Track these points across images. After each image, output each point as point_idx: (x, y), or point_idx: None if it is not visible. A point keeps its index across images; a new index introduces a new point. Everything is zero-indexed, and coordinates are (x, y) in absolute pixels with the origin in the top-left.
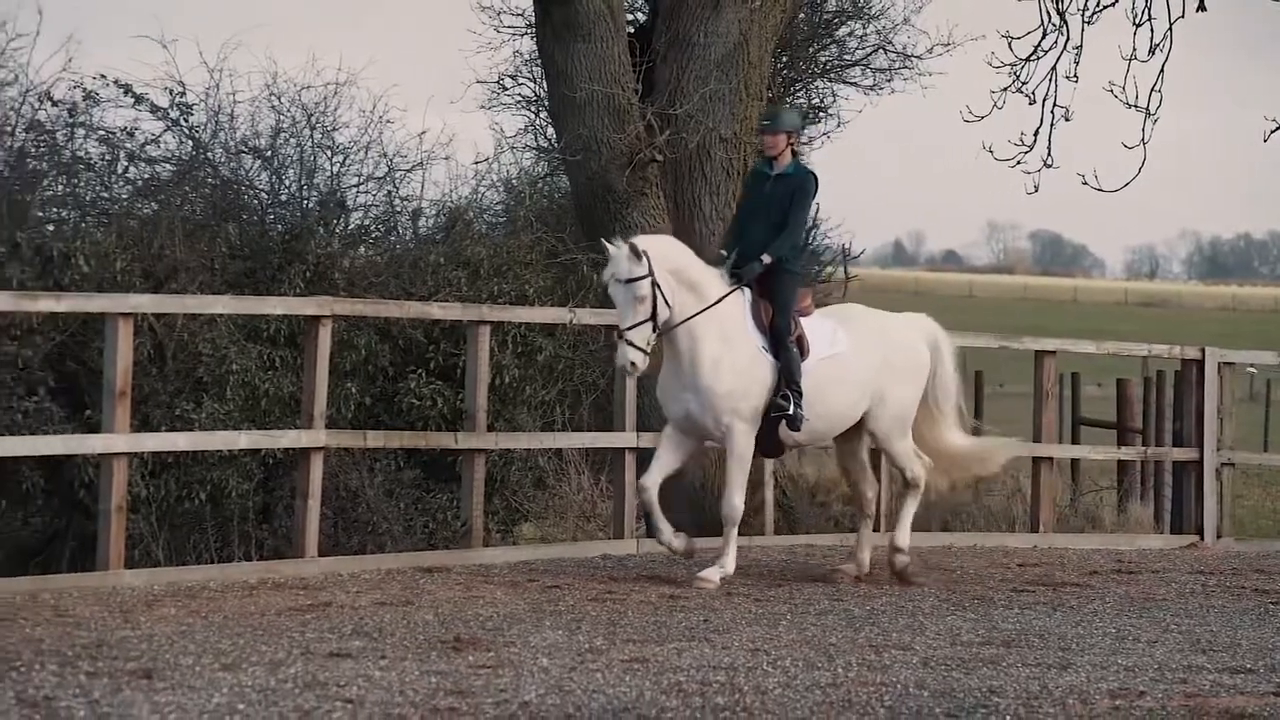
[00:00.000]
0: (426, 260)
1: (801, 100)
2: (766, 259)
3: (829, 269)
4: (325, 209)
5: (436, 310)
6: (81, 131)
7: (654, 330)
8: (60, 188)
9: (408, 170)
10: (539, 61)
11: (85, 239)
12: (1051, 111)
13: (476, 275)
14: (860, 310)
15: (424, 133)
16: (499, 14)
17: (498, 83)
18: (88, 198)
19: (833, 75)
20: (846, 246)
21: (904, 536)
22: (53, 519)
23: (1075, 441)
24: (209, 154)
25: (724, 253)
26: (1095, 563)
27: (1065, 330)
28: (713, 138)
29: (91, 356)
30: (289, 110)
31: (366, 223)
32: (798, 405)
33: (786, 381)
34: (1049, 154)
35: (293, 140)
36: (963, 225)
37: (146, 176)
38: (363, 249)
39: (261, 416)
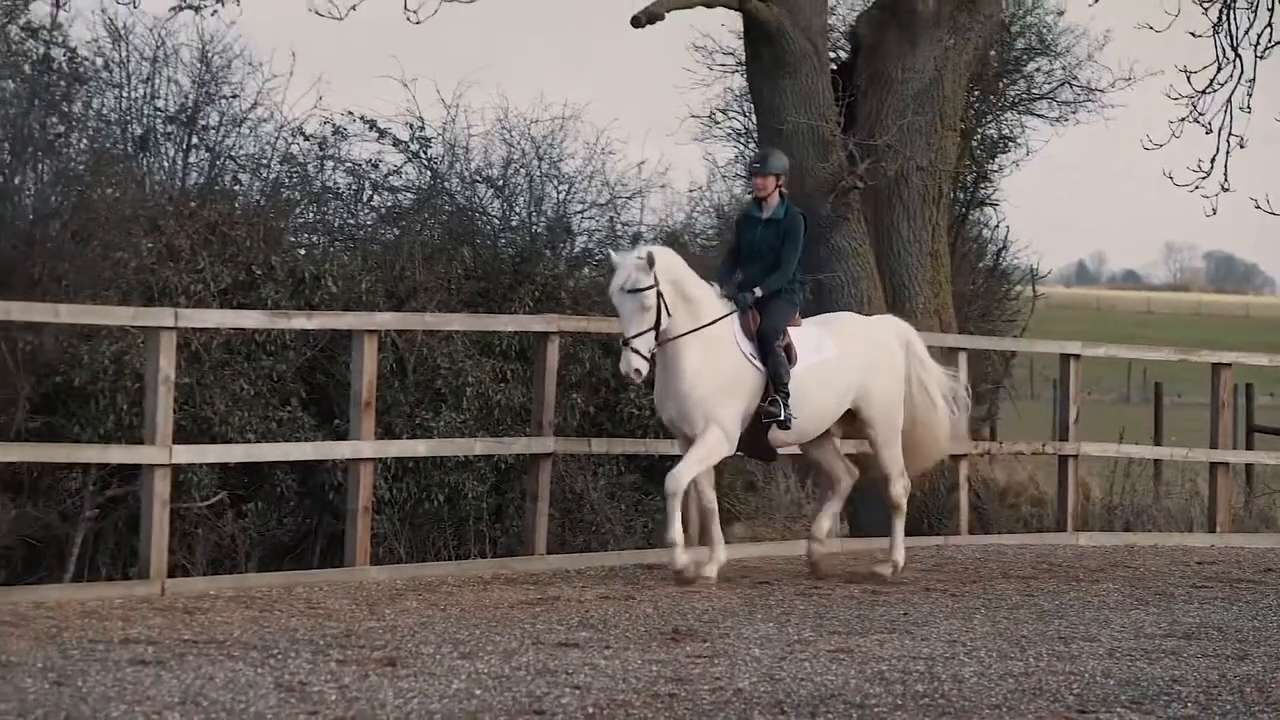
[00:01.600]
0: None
1: (992, 131)
2: (759, 292)
3: (1017, 288)
4: (552, 234)
5: None
6: (330, 164)
7: (655, 339)
8: (311, 215)
9: (628, 197)
10: (749, 96)
11: (334, 262)
12: (1226, 140)
13: None
14: (841, 316)
15: (643, 163)
16: (711, 53)
17: (710, 116)
18: (336, 224)
19: (1021, 108)
20: (1034, 266)
21: (899, 551)
22: (305, 519)
23: (1249, 448)
24: (446, 184)
25: (718, 286)
26: (1270, 560)
27: (1238, 344)
28: (910, 166)
29: (339, 370)
30: (519, 143)
31: (590, 246)
32: (785, 408)
33: (775, 386)
34: (1225, 179)
35: (522, 170)
36: (1142, 246)
37: (389, 204)
38: (587, 270)
39: (494, 425)
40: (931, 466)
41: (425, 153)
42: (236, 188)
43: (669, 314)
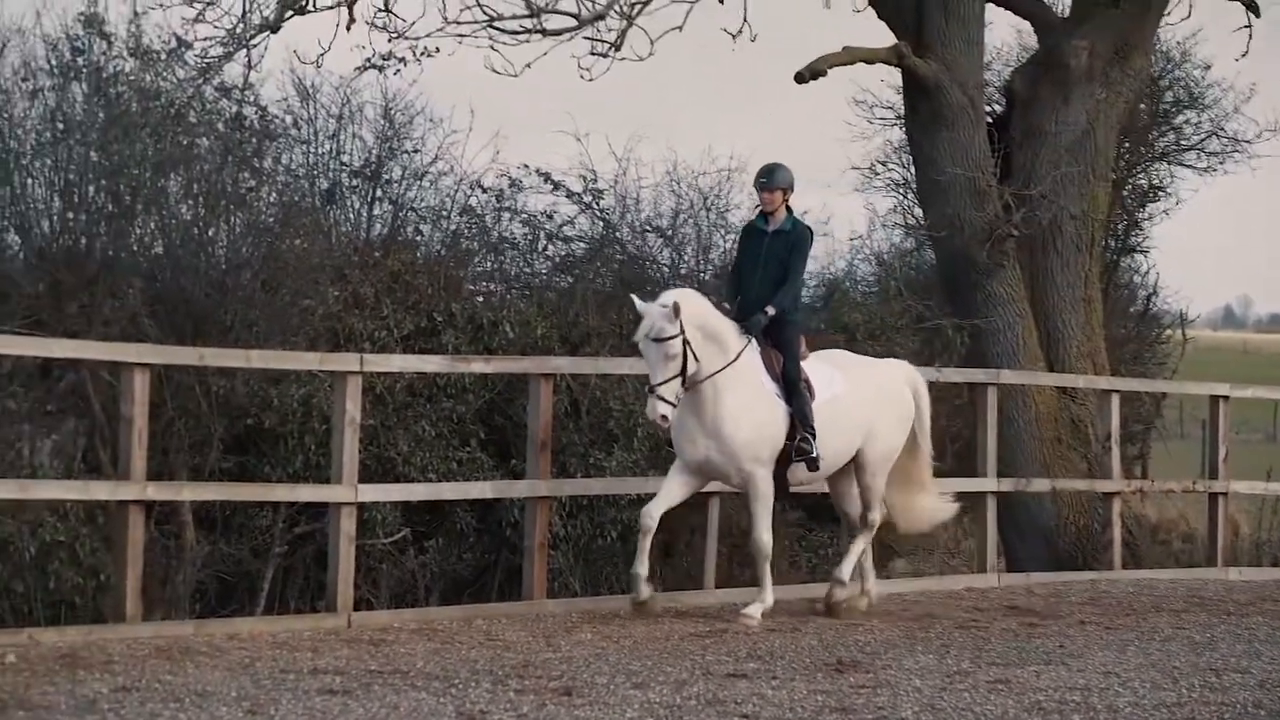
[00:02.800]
0: (809, 325)
1: (1142, 180)
2: (771, 311)
3: (1167, 331)
4: (719, 281)
5: None
6: (507, 215)
7: (683, 384)
8: (489, 264)
9: None
10: (908, 149)
11: (511, 309)
12: None
13: (853, 338)
14: (846, 355)
15: (805, 213)
16: (872, 107)
17: (870, 168)
18: (513, 273)
19: (1170, 159)
20: (1183, 311)
21: (847, 569)
22: (483, 554)
23: None
24: (617, 233)
25: (726, 305)
26: None
27: None
28: (1063, 215)
29: (516, 412)
30: (687, 194)
31: None
32: (815, 446)
33: (802, 424)
34: None
35: (690, 220)
36: None
37: (563, 254)
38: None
39: (664, 464)
40: (922, 528)
41: (598, 204)
42: (418, 238)
43: (696, 359)
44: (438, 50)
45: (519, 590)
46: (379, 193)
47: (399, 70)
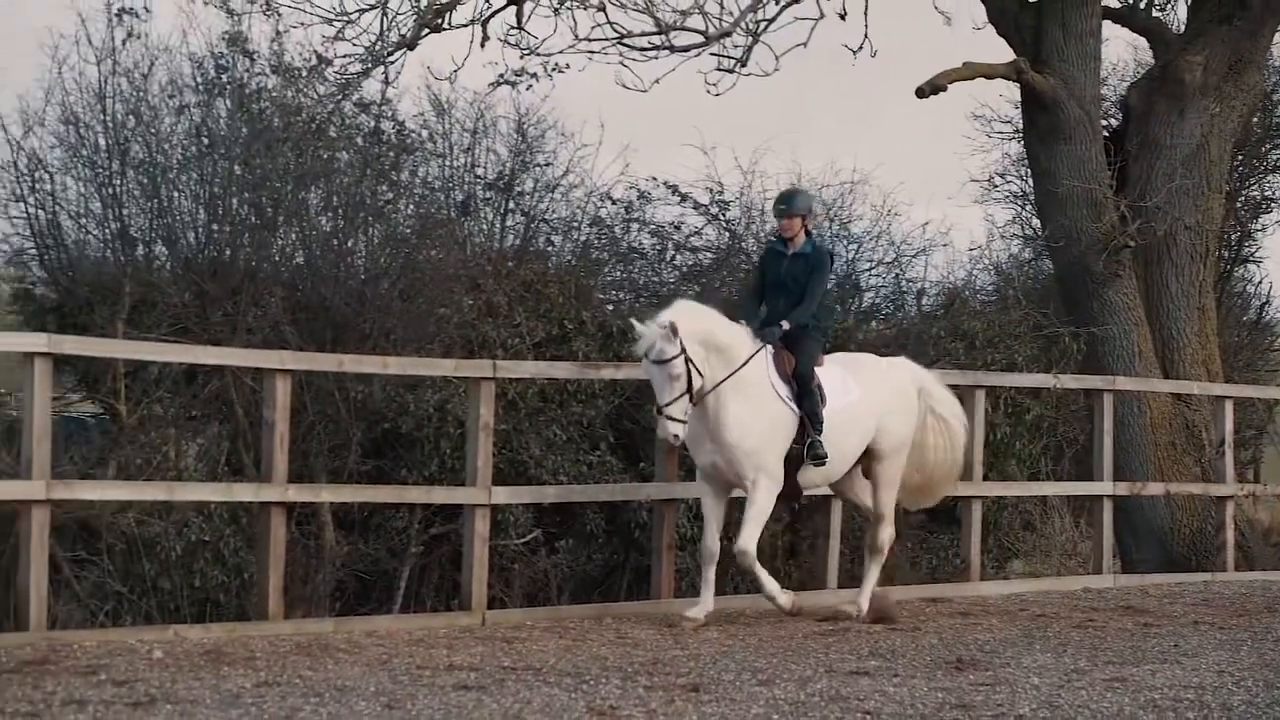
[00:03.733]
0: (929, 333)
1: (1255, 192)
2: (786, 325)
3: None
4: (843, 289)
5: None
6: (636, 226)
7: (690, 401)
8: (618, 273)
9: (912, 256)
10: (1026, 161)
11: (640, 317)
12: None
13: (972, 346)
14: (858, 357)
15: (926, 223)
16: (990, 121)
17: (989, 180)
18: (641, 282)
19: None
20: None
21: (866, 599)
22: (613, 555)
23: None
24: (743, 243)
25: (744, 324)
26: None
27: None
28: (1178, 226)
29: (645, 416)
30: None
31: (877, 301)
32: (823, 447)
33: (812, 425)
34: None
35: (814, 231)
36: None
37: (690, 263)
38: (874, 323)
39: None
40: (938, 501)
41: (724, 215)
42: (549, 249)
43: (700, 374)
44: (569, 67)
45: (647, 590)
46: (512, 204)
47: (531, 86)
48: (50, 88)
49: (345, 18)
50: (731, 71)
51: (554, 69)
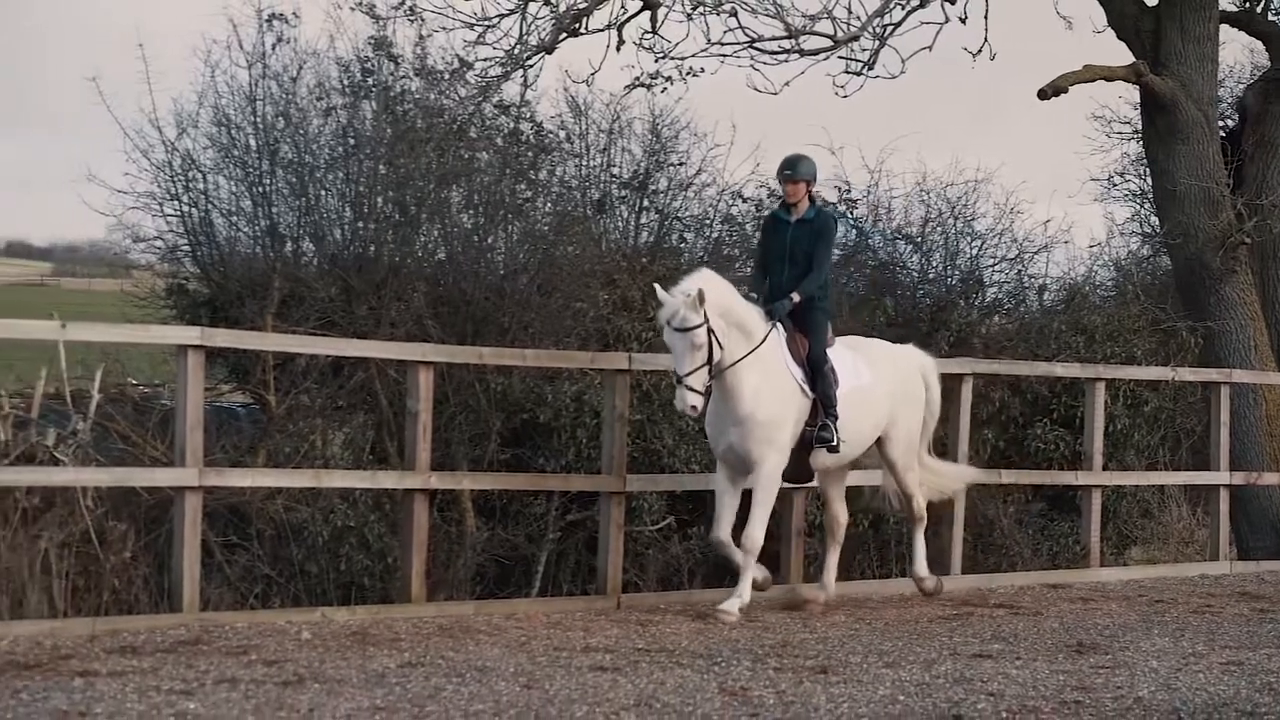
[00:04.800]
0: (1050, 327)
1: None
2: (796, 297)
3: None
4: (966, 285)
5: (1059, 369)
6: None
7: (709, 373)
8: (749, 269)
9: (1034, 252)
10: (1144, 161)
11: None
12: None
13: (1092, 340)
14: (868, 341)
15: (1048, 221)
16: (1109, 122)
17: (1108, 179)
18: None
19: None
20: None
21: (922, 566)
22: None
23: None
24: (870, 240)
25: (753, 295)
26: None
27: None
28: None
29: None
30: (936, 203)
31: (1000, 296)
32: (836, 432)
33: (825, 409)
34: None
35: (939, 228)
36: None
37: None
38: (997, 318)
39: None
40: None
41: (851, 213)
42: (682, 245)
43: (721, 346)
44: (702, 70)
45: (777, 574)
46: (646, 202)
47: (665, 88)
48: (203, 91)
49: (486, 22)
50: (859, 74)
51: (687, 72)
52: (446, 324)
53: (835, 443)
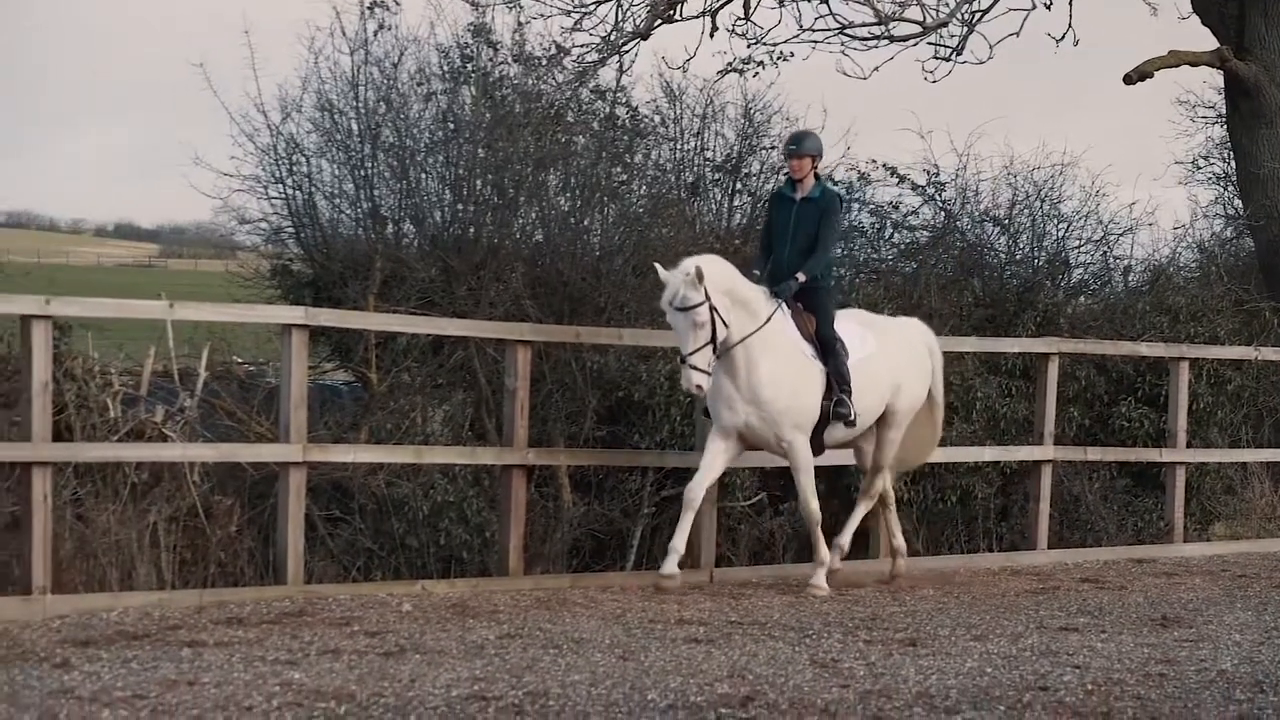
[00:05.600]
0: (1134, 308)
1: None
2: (801, 277)
3: None
4: (1052, 267)
5: (1144, 349)
6: (856, 205)
7: (714, 352)
8: (839, 250)
9: (1119, 234)
10: (1228, 144)
11: (859, 291)
12: None
13: (1176, 320)
14: (871, 316)
15: (1133, 203)
16: (1194, 106)
17: (1193, 163)
18: (861, 258)
19: None
20: None
21: (847, 538)
22: (832, 516)
23: None
24: (958, 223)
25: (756, 273)
26: None
27: None
28: None
29: None
30: (1023, 186)
31: (1085, 278)
32: (852, 405)
33: (839, 384)
34: None
35: (1025, 211)
36: None
37: (908, 241)
38: (1082, 299)
39: (1000, 434)
40: (914, 466)
41: (940, 196)
42: None
43: (725, 324)
44: (793, 55)
45: (866, 549)
46: (739, 185)
47: (758, 73)
48: (307, 77)
49: (583, 9)
50: (947, 60)
51: (779, 57)
52: (544, 304)
53: (852, 416)
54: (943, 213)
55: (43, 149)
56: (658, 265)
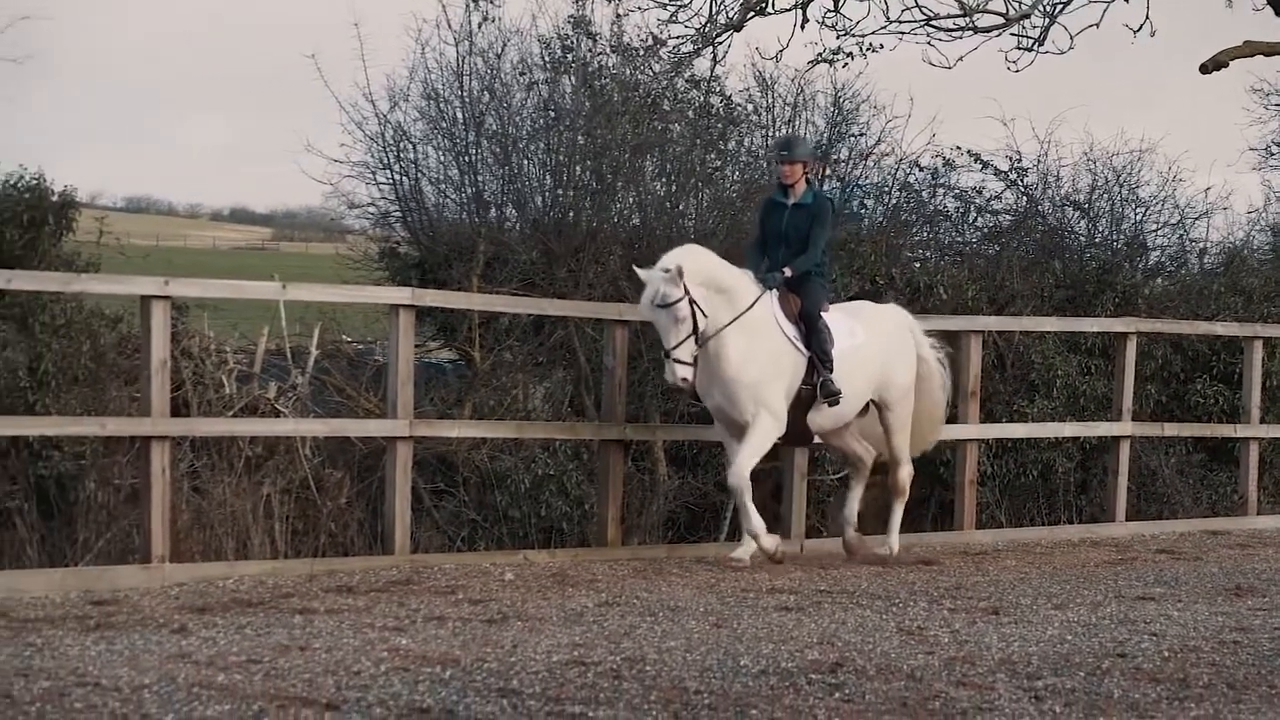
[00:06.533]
0: (1210, 289)
1: None
2: (788, 272)
3: None
4: (1130, 249)
5: (1219, 328)
6: (941, 191)
7: (696, 343)
8: (925, 234)
9: (1195, 218)
10: None
11: (944, 273)
12: None
13: (1250, 300)
14: (854, 306)
15: (1208, 188)
16: (1267, 95)
17: (1266, 149)
18: (945, 241)
19: None
20: None
21: (895, 539)
22: (918, 489)
23: None
24: (1039, 207)
25: (748, 272)
26: None
27: None
28: None
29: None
30: (1102, 172)
31: (1162, 260)
32: (835, 384)
33: (822, 364)
34: None
35: (1104, 195)
36: None
37: (991, 225)
38: (1159, 280)
39: (1080, 411)
40: (930, 448)
41: (1022, 181)
42: (863, 211)
43: (705, 315)
44: (881, 46)
45: (951, 521)
46: (828, 171)
47: (846, 64)
48: (414, 67)
49: (679, 2)
50: (1030, 50)
51: (867, 48)
52: (640, 286)
53: (835, 388)
54: (1024, 197)
55: (162, 137)
56: (635, 266)
